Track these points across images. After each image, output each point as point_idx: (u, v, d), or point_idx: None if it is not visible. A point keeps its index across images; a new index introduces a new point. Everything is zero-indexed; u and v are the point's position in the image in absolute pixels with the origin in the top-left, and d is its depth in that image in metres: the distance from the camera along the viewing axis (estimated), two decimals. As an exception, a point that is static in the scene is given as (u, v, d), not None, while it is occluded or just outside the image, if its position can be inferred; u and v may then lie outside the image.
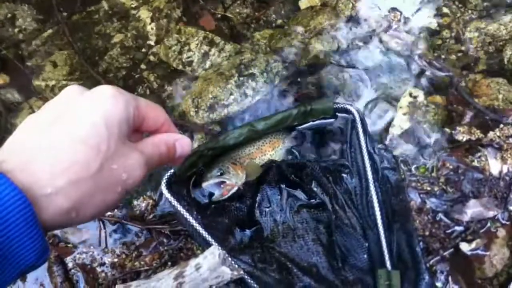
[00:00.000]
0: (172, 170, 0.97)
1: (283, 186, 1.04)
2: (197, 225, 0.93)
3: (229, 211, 1.00)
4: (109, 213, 1.10)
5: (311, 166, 1.02)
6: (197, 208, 0.97)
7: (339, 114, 1.09)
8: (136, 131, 0.43)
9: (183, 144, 0.46)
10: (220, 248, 0.91)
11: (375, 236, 0.99)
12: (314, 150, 1.10)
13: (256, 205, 1.02)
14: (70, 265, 1.08)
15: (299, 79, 1.29)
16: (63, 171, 0.34)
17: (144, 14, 1.46)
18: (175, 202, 0.94)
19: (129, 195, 1.10)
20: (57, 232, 1.09)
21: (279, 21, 1.44)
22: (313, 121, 1.11)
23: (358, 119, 1.08)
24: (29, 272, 0.34)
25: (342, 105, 1.10)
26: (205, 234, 0.93)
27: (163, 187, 0.95)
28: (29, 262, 0.33)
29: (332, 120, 1.10)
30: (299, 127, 1.10)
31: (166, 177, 0.96)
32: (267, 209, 1.03)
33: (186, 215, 0.93)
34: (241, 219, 1.01)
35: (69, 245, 1.09)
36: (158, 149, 0.43)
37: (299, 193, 1.04)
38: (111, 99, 0.38)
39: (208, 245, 0.93)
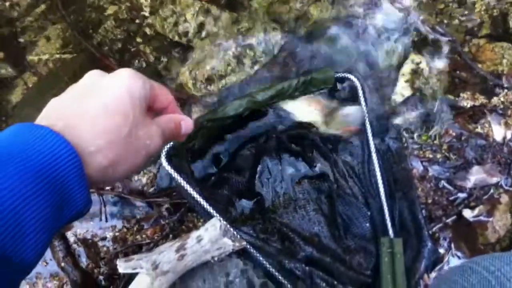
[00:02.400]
0: (171, 143, 0.95)
1: (283, 156, 1.03)
2: (198, 196, 0.92)
3: (229, 183, 0.99)
4: (108, 187, 1.10)
5: (311, 136, 1.01)
6: (197, 181, 0.96)
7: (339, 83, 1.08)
8: (149, 109, 0.48)
9: (187, 123, 0.51)
10: (221, 219, 0.90)
11: (377, 204, 0.98)
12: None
13: (257, 176, 1.01)
14: (71, 240, 1.07)
15: (299, 48, 1.26)
16: (101, 134, 0.40)
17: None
18: (175, 174, 0.93)
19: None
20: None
21: (277, -11, 1.40)
22: (313, 91, 1.10)
23: (359, 87, 1.06)
24: (76, 219, 0.40)
25: (343, 74, 1.09)
26: (206, 205, 0.92)
27: (163, 160, 0.95)
28: (79, 209, 0.38)
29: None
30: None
31: (165, 149, 0.95)
32: (268, 180, 1.02)
33: (187, 186, 0.92)
34: (241, 191, 1.00)
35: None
36: (169, 125, 0.49)
37: (300, 163, 1.03)
38: (131, 78, 0.44)
39: (210, 216, 0.92)
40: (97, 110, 0.40)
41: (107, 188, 1.10)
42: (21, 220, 0.33)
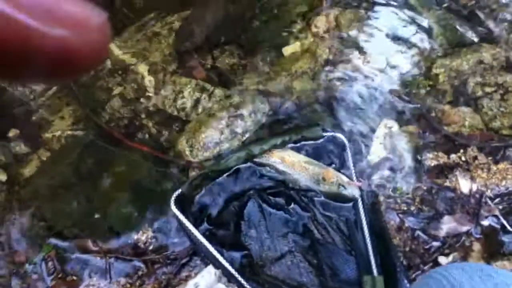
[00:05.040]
0: (180, 190, 1.11)
1: (267, 211, 1.14)
2: (203, 238, 1.03)
3: (217, 238, 1.10)
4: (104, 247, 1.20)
5: (289, 192, 1.13)
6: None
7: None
8: None
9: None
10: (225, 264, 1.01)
11: (360, 247, 1.08)
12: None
13: (244, 231, 1.12)
14: (77, 298, 1.15)
15: (284, 117, 1.42)
16: None
17: (142, 68, 1.62)
18: (182, 217, 1.05)
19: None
20: (68, 267, 1.17)
21: (265, 67, 1.59)
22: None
23: (347, 145, 1.20)
24: None
25: (331, 134, 1.23)
26: (209, 246, 1.03)
27: (172, 206, 1.08)
28: None
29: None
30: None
31: (174, 196, 1.10)
32: (254, 235, 1.12)
33: (194, 230, 1.04)
34: (230, 245, 1.10)
35: (75, 278, 1.17)
36: None
37: (283, 217, 1.14)
38: None
39: (214, 257, 1.02)
40: None
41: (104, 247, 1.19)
42: None
